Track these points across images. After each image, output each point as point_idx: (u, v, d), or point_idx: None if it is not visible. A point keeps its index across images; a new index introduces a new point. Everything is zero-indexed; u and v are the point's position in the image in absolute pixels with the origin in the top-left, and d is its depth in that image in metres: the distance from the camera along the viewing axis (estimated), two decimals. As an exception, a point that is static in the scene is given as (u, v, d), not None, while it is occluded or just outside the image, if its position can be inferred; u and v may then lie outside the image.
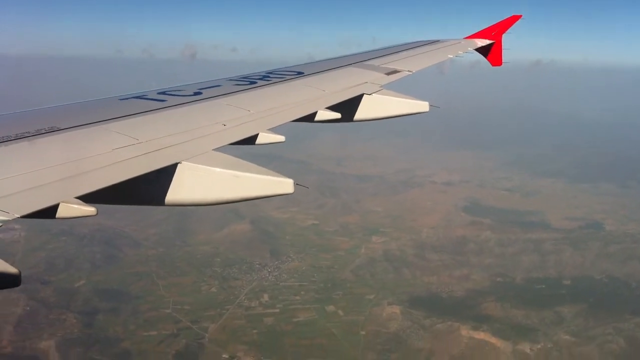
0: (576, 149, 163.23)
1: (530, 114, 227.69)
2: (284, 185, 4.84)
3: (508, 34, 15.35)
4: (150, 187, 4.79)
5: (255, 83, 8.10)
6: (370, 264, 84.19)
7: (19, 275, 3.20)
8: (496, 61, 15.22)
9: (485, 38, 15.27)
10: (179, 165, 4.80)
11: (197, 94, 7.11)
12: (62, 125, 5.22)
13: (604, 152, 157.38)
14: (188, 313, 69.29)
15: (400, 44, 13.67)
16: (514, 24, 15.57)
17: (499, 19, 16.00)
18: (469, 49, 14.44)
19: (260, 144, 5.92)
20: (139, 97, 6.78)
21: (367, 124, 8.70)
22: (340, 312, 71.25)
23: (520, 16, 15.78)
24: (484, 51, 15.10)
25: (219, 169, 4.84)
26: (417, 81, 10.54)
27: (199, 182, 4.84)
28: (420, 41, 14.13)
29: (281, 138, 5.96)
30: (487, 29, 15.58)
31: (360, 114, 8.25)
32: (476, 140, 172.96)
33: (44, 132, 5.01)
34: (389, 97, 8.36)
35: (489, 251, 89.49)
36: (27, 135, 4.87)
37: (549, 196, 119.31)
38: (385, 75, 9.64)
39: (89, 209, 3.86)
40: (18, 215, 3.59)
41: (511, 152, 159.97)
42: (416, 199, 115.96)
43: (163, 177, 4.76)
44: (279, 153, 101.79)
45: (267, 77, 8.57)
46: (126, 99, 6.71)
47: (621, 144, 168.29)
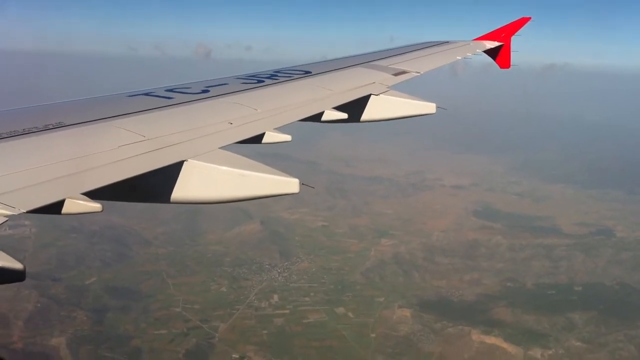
0: (585, 153, 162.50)
1: (540, 118, 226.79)
2: (289, 184, 4.85)
3: (517, 36, 15.17)
4: (156, 185, 4.79)
5: (263, 82, 8.08)
6: (380, 266, 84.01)
7: (23, 270, 3.18)
8: (505, 63, 15.06)
9: (495, 40, 15.07)
10: (185, 163, 4.81)
11: (205, 91, 7.11)
12: (69, 121, 5.24)
13: (612, 157, 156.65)
14: (198, 312, 69.39)
15: (408, 45, 13.58)
16: (524, 26, 15.37)
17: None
18: (478, 50, 14.32)
19: (266, 143, 5.91)
20: (146, 94, 6.80)
21: (375, 124, 8.68)
22: (350, 314, 71.14)
23: (530, 18, 15.58)
24: (492, 53, 14.94)
25: (225, 167, 4.85)
26: (429, 83, 10.44)
27: (204, 180, 4.85)
28: (429, 42, 14.03)
29: (287, 137, 5.93)
30: (496, 30, 15.40)
31: (367, 115, 8.23)
32: (486, 144, 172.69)
33: (51, 127, 5.03)
34: (396, 98, 8.34)
35: (499, 256, 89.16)
36: (34, 130, 4.87)
37: (558, 201, 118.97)
38: (393, 76, 9.60)
39: (94, 205, 3.86)
40: (24, 210, 3.61)
41: (520, 157, 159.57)
42: (426, 202, 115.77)
43: (169, 174, 4.77)
44: (287, 153, 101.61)
45: (275, 76, 8.54)
46: (133, 95, 6.73)
47: (630, 149, 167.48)
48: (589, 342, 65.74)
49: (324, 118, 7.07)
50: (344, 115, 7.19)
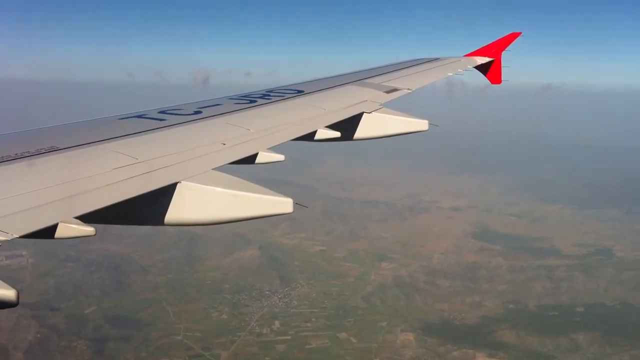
0: (581, 173, 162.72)
1: (536, 138, 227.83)
2: (283, 204, 4.79)
3: (508, 52, 15.14)
4: (150, 207, 4.77)
5: (255, 102, 8.05)
6: (380, 290, 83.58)
7: (16, 296, 3.13)
8: (495, 79, 15.00)
9: (485, 56, 15.04)
10: (178, 184, 4.78)
11: (197, 112, 7.06)
12: (62, 145, 5.20)
13: (609, 176, 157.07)
14: (199, 340, 68.65)
15: (400, 62, 13.58)
16: (514, 41, 15.38)
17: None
18: (469, 66, 14.31)
19: (260, 163, 5.88)
20: (138, 116, 6.76)
21: (369, 144, 8.69)
22: (353, 339, 70.53)
23: (520, 33, 15.60)
24: (484, 69, 14.92)
25: (218, 189, 4.81)
26: (424, 103, 10.41)
27: (198, 202, 4.81)
28: (421, 59, 14.02)
29: (281, 157, 5.90)
30: (487, 46, 15.38)
31: (360, 133, 8.19)
32: (482, 165, 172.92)
33: (44, 151, 4.99)
34: (388, 116, 8.31)
35: (500, 278, 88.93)
36: (27, 154, 4.83)
37: (556, 222, 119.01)
38: (385, 94, 9.56)
39: (88, 229, 3.83)
40: (17, 235, 3.57)
41: (516, 177, 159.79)
42: (423, 224, 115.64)
43: (162, 196, 4.73)
44: (283, 178, 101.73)
45: (267, 96, 8.51)
46: (126, 118, 6.69)
47: (627, 168, 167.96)
48: (595, 363, 65.40)
49: (317, 137, 7.05)
50: (337, 134, 7.19)
